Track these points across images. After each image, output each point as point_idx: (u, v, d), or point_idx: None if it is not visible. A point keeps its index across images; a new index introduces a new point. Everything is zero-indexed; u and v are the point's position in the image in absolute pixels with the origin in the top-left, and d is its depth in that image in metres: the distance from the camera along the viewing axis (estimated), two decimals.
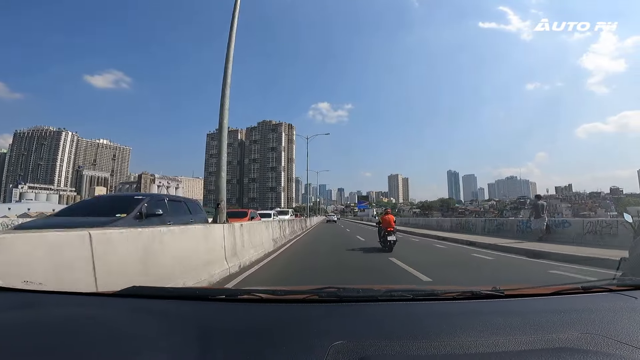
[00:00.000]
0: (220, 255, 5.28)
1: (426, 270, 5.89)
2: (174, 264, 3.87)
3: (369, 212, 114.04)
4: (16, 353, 0.81)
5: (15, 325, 0.98)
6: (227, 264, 5.38)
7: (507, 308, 1.17)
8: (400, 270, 6.33)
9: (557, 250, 8.06)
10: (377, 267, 6.78)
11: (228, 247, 5.64)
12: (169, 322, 1.03)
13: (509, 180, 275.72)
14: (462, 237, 13.45)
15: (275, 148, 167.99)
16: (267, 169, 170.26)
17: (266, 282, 4.97)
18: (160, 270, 3.52)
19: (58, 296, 1.38)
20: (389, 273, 6.12)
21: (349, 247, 10.74)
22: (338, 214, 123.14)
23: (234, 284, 4.80)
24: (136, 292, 1.31)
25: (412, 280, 5.14)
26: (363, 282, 4.96)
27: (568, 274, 5.70)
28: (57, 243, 2.44)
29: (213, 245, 5.12)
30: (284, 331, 0.96)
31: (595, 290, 1.30)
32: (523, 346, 0.84)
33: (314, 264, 7.18)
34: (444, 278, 5.60)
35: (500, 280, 5.43)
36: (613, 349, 0.82)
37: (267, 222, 10.50)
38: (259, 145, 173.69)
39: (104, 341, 0.89)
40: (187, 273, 4.04)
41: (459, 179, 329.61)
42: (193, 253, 4.42)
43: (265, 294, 1.27)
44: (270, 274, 5.76)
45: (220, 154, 7.38)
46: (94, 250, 2.69)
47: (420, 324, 1.01)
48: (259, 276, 5.46)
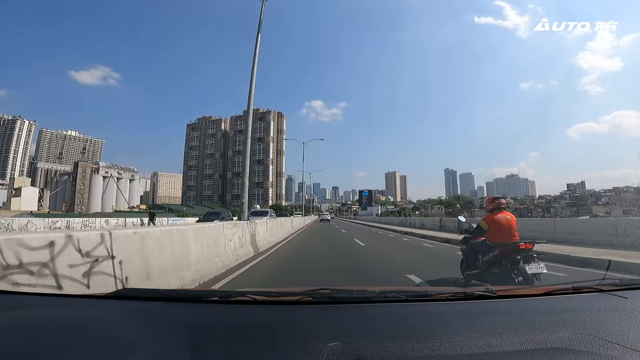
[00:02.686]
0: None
1: None
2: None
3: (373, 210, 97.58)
4: (5, 355, 0.80)
5: (4, 328, 0.97)
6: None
7: (499, 309, 1.18)
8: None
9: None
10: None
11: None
12: (161, 324, 1.02)
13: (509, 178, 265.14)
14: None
15: (262, 139, 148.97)
16: (253, 162, 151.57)
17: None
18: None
19: (48, 298, 1.37)
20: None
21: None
22: (333, 213, 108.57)
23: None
24: (127, 294, 1.30)
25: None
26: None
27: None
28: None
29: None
30: (278, 333, 0.95)
31: (586, 290, 1.30)
32: (515, 346, 0.85)
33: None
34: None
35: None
36: (604, 349, 0.82)
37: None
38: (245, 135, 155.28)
39: (94, 343, 0.88)
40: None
41: (457, 178, 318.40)
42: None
43: (259, 295, 1.26)
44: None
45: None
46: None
47: (413, 325, 1.01)
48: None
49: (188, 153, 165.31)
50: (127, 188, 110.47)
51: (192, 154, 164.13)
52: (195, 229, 5.26)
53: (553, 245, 8.16)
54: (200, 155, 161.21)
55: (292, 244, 12.22)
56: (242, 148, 5.32)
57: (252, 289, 1.41)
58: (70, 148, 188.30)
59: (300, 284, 5.30)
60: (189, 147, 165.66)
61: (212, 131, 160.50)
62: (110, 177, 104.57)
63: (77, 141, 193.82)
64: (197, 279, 4.67)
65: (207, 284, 4.82)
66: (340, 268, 6.80)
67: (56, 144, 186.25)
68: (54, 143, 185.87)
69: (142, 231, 3.72)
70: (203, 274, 4.94)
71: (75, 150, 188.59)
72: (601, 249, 7.97)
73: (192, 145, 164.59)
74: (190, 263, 4.69)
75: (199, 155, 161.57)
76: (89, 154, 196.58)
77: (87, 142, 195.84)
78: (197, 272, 4.79)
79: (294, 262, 7.62)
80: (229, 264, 6.13)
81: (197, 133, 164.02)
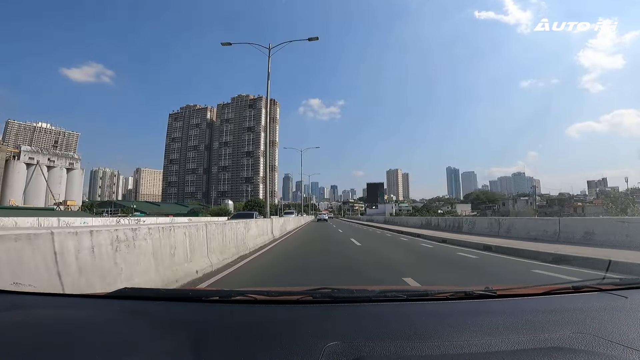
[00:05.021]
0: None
1: None
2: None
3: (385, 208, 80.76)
4: (5, 355, 0.80)
5: (4, 328, 0.98)
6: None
7: (499, 308, 1.17)
8: None
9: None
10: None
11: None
12: (162, 324, 1.02)
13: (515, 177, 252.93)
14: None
15: (252, 128, 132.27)
16: (241, 154, 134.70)
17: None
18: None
19: (48, 298, 1.37)
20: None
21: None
22: (332, 212, 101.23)
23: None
24: (128, 294, 1.29)
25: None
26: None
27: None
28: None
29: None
30: (278, 332, 0.95)
31: (586, 289, 1.30)
32: (515, 346, 0.85)
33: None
34: None
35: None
36: (604, 348, 0.82)
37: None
38: (233, 125, 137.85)
39: (95, 343, 0.88)
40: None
41: (459, 177, 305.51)
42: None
43: (259, 294, 1.25)
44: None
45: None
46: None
47: (414, 324, 1.01)
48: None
49: (170, 145, 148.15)
50: (63, 180, 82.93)
51: (174, 147, 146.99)
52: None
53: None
54: (182, 147, 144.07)
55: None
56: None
57: (252, 289, 1.45)
58: (40, 141, 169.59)
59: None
60: (171, 139, 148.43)
61: (197, 121, 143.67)
62: (37, 165, 78.64)
63: (48, 134, 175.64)
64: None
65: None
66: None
67: (24, 136, 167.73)
68: (22, 135, 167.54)
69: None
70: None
71: (47, 144, 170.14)
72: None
73: (175, 137, 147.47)
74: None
75: (181, 148, 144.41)
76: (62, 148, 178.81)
77: (60, 134, 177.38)
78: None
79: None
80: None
81: (180, 123, 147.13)
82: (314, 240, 12.91)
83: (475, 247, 9.13)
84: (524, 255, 7.19)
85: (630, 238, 7.50)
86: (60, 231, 2.54)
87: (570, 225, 9.70)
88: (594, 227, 8.74)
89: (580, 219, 11.56)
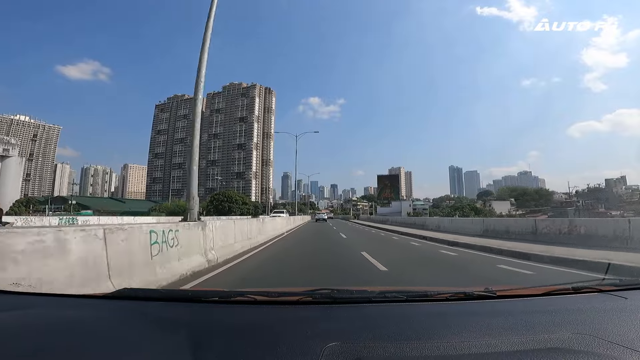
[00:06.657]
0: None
1: None
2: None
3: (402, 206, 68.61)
4: (5, 355, 0.80)
5: (4, 328, 0.98)
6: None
7: (499, 309, 1.17)
8: None
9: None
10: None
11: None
12: (162, 324, 1.02)
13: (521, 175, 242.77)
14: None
15: (245, 118, 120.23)
16: (232, 147, 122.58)
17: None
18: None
19: (48, 298, 1.37)
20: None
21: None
22: (331, 212, 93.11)
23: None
24: (128, 294, 1.29)
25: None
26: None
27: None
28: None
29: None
30: (278, 333, 0.95)
31: (585, 290, 1.30)
32: (515, 346, 0.85)
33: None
34: None
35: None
36: (604, 349, 0.82)
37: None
38: (224, 115, 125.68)
39: (94, 343, 0.88)
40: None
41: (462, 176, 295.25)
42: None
43: (259, 295, 1.26)
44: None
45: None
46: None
47: (414, 325, 1.00)
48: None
49: (155, 138, 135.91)
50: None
51: (159, 140, 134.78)
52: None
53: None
54: (169, 140, 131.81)
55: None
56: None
57: (252, 289, 1.43)
58: (18, 134, 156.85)
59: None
60: (156, 132, 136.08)
61: (185, 111, 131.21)
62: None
63: (26, 127, 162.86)
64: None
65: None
66: None
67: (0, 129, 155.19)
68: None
69: None
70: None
71: (25, 138, 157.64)
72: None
73: (160, 129, 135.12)
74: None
75: (167, 141, 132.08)
76: (41, 142, 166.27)
77: (39, 128, 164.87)
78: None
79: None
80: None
81: (166, 114, 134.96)
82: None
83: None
84: None
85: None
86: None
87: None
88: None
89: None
